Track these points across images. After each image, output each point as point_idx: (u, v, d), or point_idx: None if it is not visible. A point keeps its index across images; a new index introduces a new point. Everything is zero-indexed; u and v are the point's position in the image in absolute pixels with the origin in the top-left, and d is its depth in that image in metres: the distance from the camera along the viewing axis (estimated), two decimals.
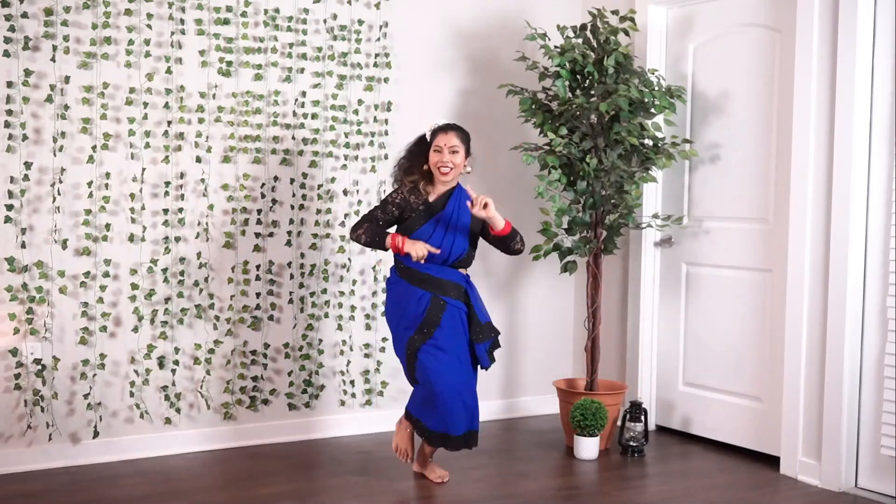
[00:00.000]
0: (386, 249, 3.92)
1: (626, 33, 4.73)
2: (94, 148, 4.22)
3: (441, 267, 3.93)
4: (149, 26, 4.31)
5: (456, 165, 3.93)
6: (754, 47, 4.56)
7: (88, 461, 4.26)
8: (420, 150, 4.02)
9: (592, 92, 4.62)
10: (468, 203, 3.86)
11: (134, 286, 4.32)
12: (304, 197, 4.69)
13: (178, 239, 4.42)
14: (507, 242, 3.94)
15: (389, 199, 3.96)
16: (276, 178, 4.63)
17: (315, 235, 4.73)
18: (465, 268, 4.03)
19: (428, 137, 4.00)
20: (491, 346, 4.00)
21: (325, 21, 4.71)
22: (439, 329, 3.87)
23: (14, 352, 4.11)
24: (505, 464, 4.39)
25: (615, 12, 4.74)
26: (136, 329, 4.34)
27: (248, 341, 4.61)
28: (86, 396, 4.23)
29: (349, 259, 4.83)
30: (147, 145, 4.33)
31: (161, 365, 4.41)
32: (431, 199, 3.96)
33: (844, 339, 4.02)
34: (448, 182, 3.96)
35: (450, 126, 3.97)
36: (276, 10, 4.57)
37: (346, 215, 4.81)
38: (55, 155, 4.15)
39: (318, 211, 4.73)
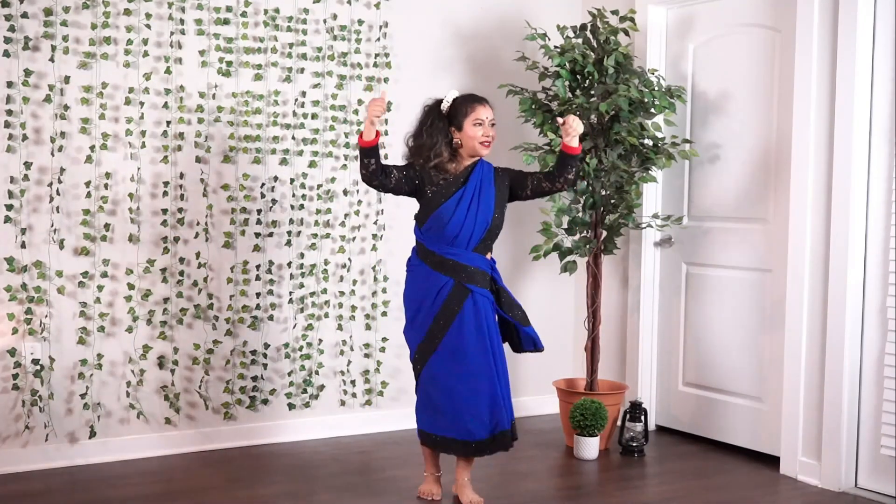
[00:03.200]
0: (364, 154, 3.56)
1: (626, 33, 4.73)
2: (92, 148, 4.22)
3: (465, 252, 3.65)
4: (148, 26, 4.31)
5: (493, 139, 3.71)
6: (754, 47, 4.56)
7: (88, 461, 4.26)
8: (442, 123, 3.70)
9: (592, 92, 4.62)
10: (560, 122, 3.62)
11: (131, 286, 4.32)
12: (303, 197, 4.69)
13: (177, 239, 4.42)
14: (572, 163, 3.65)
15: (411, 163, 3.71)
16: (275, 178, 4.63)
17: (315, 235, 4.73)
18: (488, 252, 3.75)
19: (446, 108, 3.70)
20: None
21: (325, 21, 4.71)
22: (457, 320, 3.63)
23: (12, 352, 4.10)
24: (505, 464, 4.39)
25: (615, 12, 4.74)
26: (129, 329, 4.33)
27: (248, 341, 4.61)
28: (83, 396, 4.23)
29: (349, 259, 4.83)
30: (143, 145, 4.33)
31: (160, 365, 4.41)
32: (452, 172, 3.71)
33: (844, 339, 4.02)
34: (480, 156, 3.73)
35: (482, 98, 3.74)
36: (276, 10, 4.57)
37: (345, 215, 4.80)
38: (54, 155, 4.15)
39: (318, 211, 4.73)
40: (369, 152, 3.57)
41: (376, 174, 3.61)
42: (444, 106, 3.72)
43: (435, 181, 3.66)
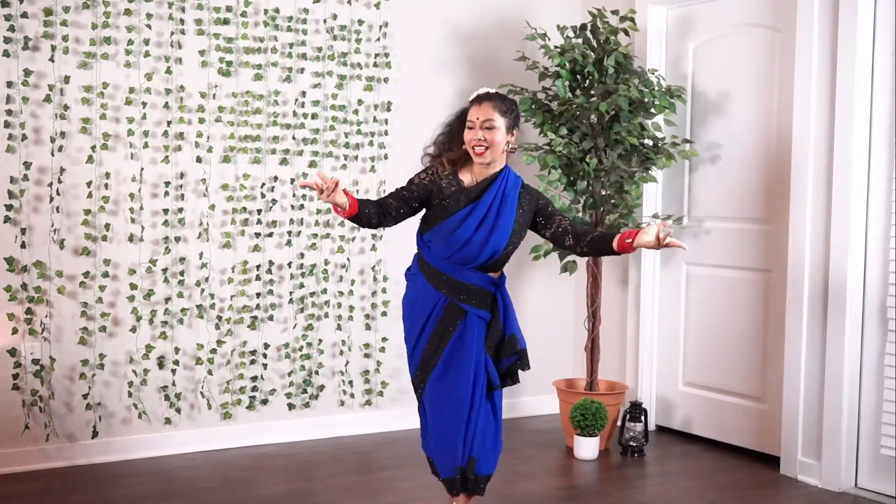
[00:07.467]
0: (353, 221, 3.16)
1: (626, 33, 4.73)
2: (93, 148, 4.22)
3: (464, 268, 3.20)
4: (148, 26, 4.31)
5: (493, 144, 3.16)
6: (754, 47, 4.56)
7: (87, 461, 4.26)
8: (461, 124, 3.25)
9: (592, 92, 4.62)
10: (659, 229, 3.04)
11: (133, 286, 4.32)
12: (303, 197, 4.69)
13: (178, 239, 4.42)
14: (606, 254, 3.24)
15: (415, 178, 3.25)
16: (275, 178, 4.63)
17: (314, 235, 4.73)
18: (497, 270, 3.30)
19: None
20: (513, 364, 3.33)
21: (325, 21, 4.70)
22: (451, 343, 3.23)
23: (12, 352, 4.10)
24: (505, 464, 4.38)
25: (615, 12, 4.74)
26: (134, 329, 4.33)
27: (248, 341, 4.61)
28: (84, 396, 4.23)
29: (348, 259, 4.83)
30: (146, 145, 4.33)
31: (161, 365, 4.41)
32: (466, 183, 3.23)
33: (844, 339, 4.02)
34: (487, 164, 3.21)
35: (486, 95, 3.22)
36: (276, 10, 4.57)
37: None
38: (54, 155, 4.15)
39: (318, 211, 4.73)
40: (355, 218, 3.15)
41: (376, 223, 3.21)
42: (469, 104, 3.28)
43: (446, 192, 3.21)
